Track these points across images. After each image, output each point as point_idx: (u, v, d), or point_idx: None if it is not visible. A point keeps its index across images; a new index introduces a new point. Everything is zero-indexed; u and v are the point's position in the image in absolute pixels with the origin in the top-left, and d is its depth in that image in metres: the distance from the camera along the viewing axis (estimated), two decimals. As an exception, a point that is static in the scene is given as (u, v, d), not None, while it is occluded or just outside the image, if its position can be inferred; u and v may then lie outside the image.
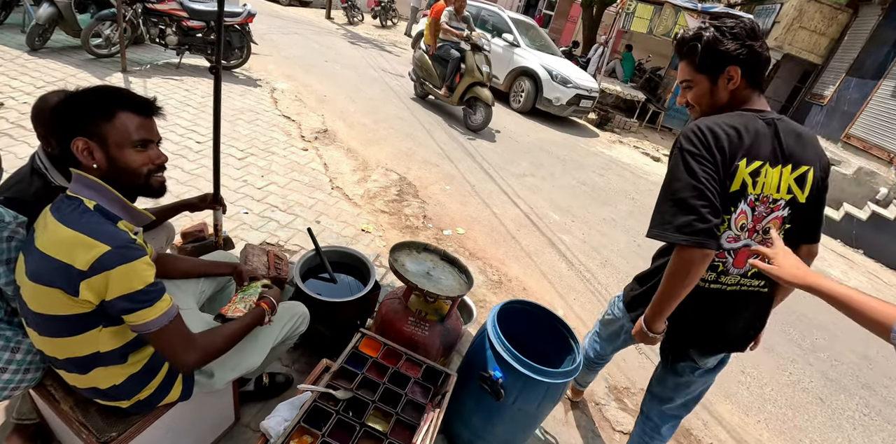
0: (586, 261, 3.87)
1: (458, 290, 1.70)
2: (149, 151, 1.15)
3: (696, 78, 1.33)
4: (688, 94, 1.37)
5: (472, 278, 1.81)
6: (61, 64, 4.91)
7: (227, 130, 4.28)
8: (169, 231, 1.99)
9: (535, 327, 1.87)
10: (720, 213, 1.21)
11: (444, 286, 1.72)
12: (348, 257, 2.19)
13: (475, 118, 6.32)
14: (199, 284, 1.57)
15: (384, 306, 1.76)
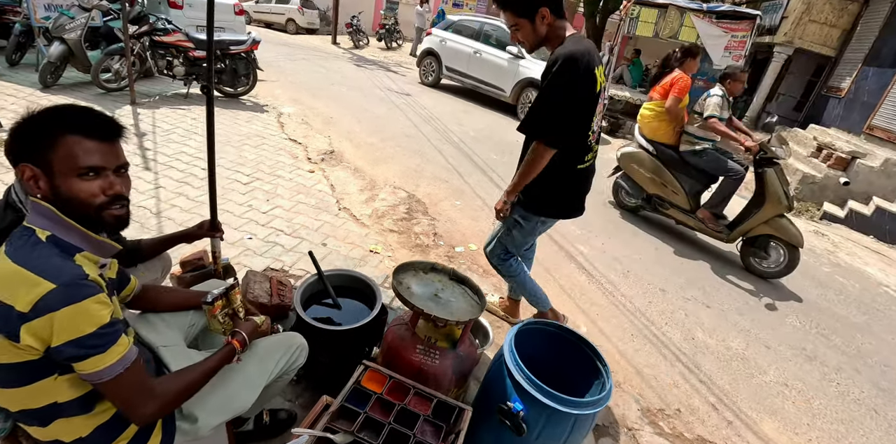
0: (607, 272, 3.69)
1: (470, 313, 1.57)
2: (100, 181, 1.00)
3: (519, 22, 1.72)
4: (517, 34, 1.77)
5: (484, 299, 1.67)
6: (72, 99, 4.99)
7: (234, 155, 4.26)
8: (166, 262, 1.91)
9: (557, 350, 1.72)
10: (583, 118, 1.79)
11: (453, 309, 1.59)
12: (353, 280, 2.08)
13: (770, 262, 4.22)
14: (189, 316, 1.47)
15: (390, 333, 1.63)
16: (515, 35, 1.78)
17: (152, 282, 1.84)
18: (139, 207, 3.05)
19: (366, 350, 1.90)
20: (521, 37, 1.77)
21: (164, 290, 1.45)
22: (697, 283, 3.94)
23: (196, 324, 1.49)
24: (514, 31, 1.76)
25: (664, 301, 3.53)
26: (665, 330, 3.19)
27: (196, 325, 1.49)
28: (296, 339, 1.49)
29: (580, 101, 1.73)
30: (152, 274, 1.84)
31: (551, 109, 1.70)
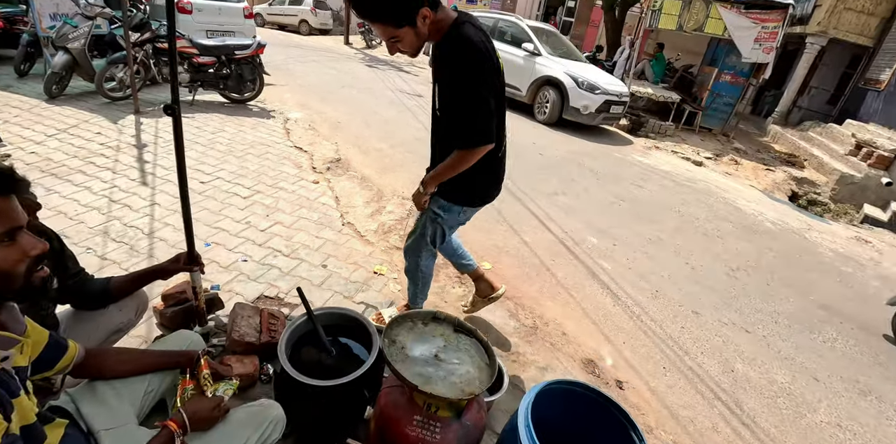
0: (634, 293, 3.38)
1: (478, 383, 1.29)
2: (20, 242, 0.85)
3: (400, 33, 1.45)
4: (398, 46, 1.50)
5: (495, 359, 1.39)
6: (76, 110, 4.88)
7: (235, 166, 4.07)
8: (141, 301, 1.71)
9: (582, 415, 1.45)
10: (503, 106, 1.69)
11: (458, 378, 1.30)
12: (347, 319, 1.83)
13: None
14: (146, 382, 1.25)
15: (383, 397, 1.38)
16: (395, 47, 1.51)
17: (126, 324, 1.64)
18: (130, 227, 2.87)
19: (365, 396, 1.66)
20: (403, 47, 1.50)
21: (114, 353, 1.24)
22: (733, 304, 3.60)
23: (154, 391, 1.27)
24: (394, 43, 1.49)
25: (698, 326, 3.22)
26: (701, 361, 2.88)
27: (154, 391, 1.27)
28: (269, 411, 1.26)
29: (500, 89, 1.64)
30: (124, 315, 1.63)
31: (485, 108, 1.52)
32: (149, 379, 1.26)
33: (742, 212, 5.80)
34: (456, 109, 1.56)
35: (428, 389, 1.17)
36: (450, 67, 1.51)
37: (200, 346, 1.44)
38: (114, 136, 4.30)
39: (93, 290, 1.47)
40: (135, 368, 1.23)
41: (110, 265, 2.48)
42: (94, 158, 3.78)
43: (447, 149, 1.66)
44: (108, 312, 1.56)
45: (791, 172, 8.86)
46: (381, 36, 1.48)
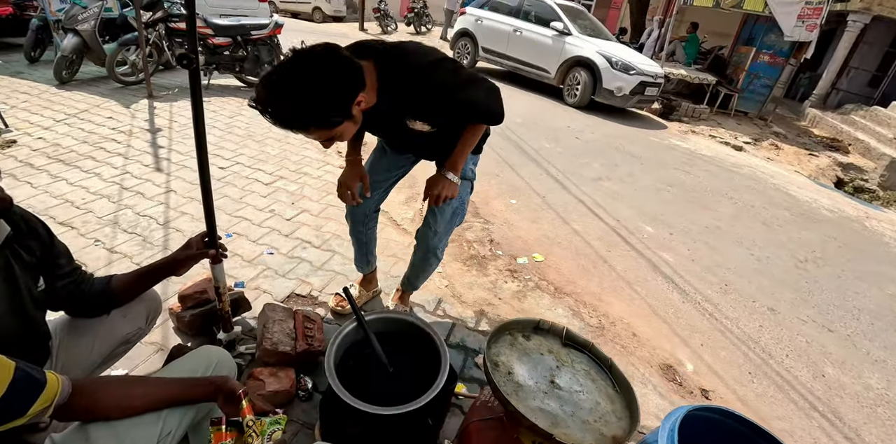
0: (702, 287, 3.01)
1: (616, 421, 0.93)
2: None
3: (339, 129, 1.21)
4: (335, 140, 1.25)
5: (626, 381, 1.04)
6: (87, 95, 4.61)
7: (255, 151, 3.77)
8: (151, 305, 1.38)
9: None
10: None
11: (588, 414, 0.94)
12: (406, 326, 1.50)
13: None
14: (160, 423, 0.92)
15: (474, 434, 1.02)
16: (332, 141, 1.25)
17: (135, 334, 1.32)
18: (143, 216, 2.58)
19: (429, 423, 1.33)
20: (344, 138, 1.26)
21: (115, 386, 0.90)
22: (809, 299, 3.22)
23: (173, 432, 0.94)
24: (334, 139, 1.24)
25: (777, 324, 2.85)
26: (788, 365, 2.52)
27: (173, 433, 0.94)
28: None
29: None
30: (131, 323, 1.31)
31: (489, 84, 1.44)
32: (164, 418, 0.93)
33: (796, 199, 5.36)
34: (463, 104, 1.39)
35: (564, 438, 0.81)
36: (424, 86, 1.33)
37: (230, 366, 1.12)
38: (126, 120, 4.02)
39: (91, 292, 1.15)
40: (144, 404, 0.90)
41: (120, 259, 2.19)
42: (104, 143, 3.50)
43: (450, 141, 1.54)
44: (110, 320, 1.23)
45: (836, 157, 8.36)
46: (318, 138, 1.22)
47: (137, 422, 0.88)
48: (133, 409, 0.88)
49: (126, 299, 1.25)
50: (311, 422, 1.55)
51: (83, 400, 0.82)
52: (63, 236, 2.26)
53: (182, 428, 0.96)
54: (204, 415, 1.04)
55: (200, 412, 1.02)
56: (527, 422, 0.82)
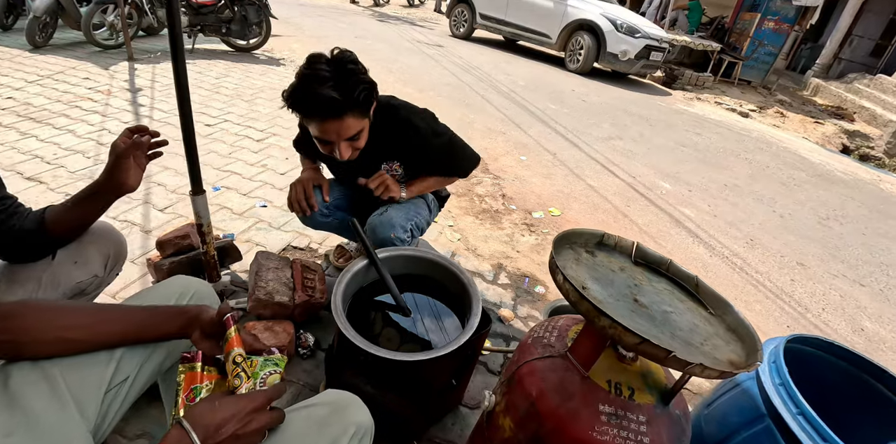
0: (728, 242, 2.82)
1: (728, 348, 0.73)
2: None
3: (364, 124, 1.22)
4: (356, 142, 1.23)
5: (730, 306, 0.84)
6: (63, 58, 4.29)
7: (245, 110, 3.50)
8: (108, 246, 1.06)
9: (830, 392, 0.91)
10: None
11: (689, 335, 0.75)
12: (426, 265, 1.29)
13: None
14: (112, 365, 0.69)
15: (529, 377, 0.78)
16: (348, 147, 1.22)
17: (90, 283, 1.03)
18: (122, 170, 2.33)
19: (453, 383, 1.13)
20: (359, 144, 1.25)
21: (51, 310, 0.67)
22: (837, 254, 3.05)
23: (131, 377, 0.70)
24: (358, 138, 1.22)
25: (808, 279, 2.68)
26: (826, 319, 2.36)
27: (131, 380, 0.71)
28: (349, 417, 0.69)
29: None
30: (84, 269, 1.00)
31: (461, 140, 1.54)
32: (118, 359, 0.70)
33: (810, 161, 5.20)
34: (441, 158, 1.47)
35: (695, 360, 0.58)
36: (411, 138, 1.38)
37: (211, 299, 0.89)
38: (104, 81, 3.73)
39: (23, 229, 0.87)
40: (88, 337, 0.66)
41: (96, 211, 1.95)
42: (80, 102, 3.22)
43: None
44: (56, 265, 0.95)
45: (841, 124, 8.19)
46: (347, 134, 1.18)
47: (79, 362, 0.65)
48: (73, 343, 0.65)
49: (68, 235, 0.96)
50: (314, 383, 1.35)
51: (6, 325, 0.60)
52: (30, 190, 2.03)
53: (146, 374, 0.74)
54: (168, 368, 0.81)
55: (173, 355, 0.79)
56: (631, 338, 0.60)
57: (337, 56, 1.15)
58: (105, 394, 0.67)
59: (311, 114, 1.14)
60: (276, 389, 0.65)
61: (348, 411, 0.70)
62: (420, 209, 1.51)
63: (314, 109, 1.12)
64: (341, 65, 1.12)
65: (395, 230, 1.35)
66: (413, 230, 1.44)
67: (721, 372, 0.59)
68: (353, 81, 1.12)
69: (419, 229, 1.49)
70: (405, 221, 1.40)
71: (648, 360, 0.72)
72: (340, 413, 0.68)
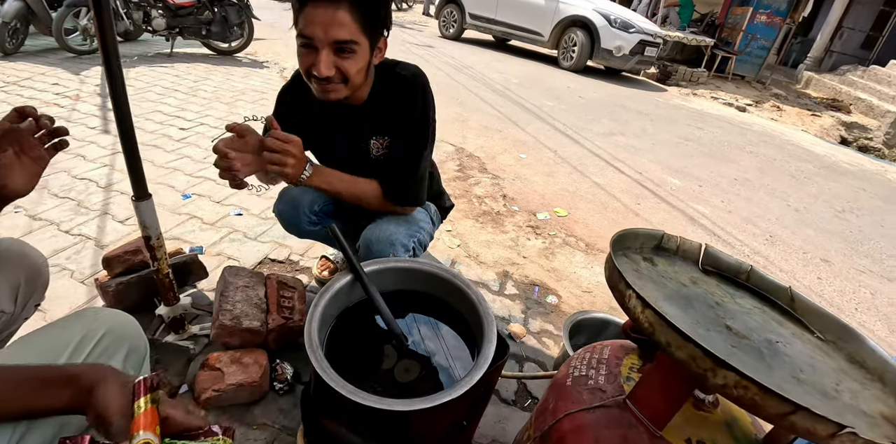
0: (747, 239, 2.62)
1: (872, 394, 0.51)
2: None
3: (361, 41, 0.98)
4: (343, 61, 0.98)
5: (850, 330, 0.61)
6: (32, 64, 4.06)
7: (224, 113, 3.28)
8: (19, 272, 0.83)
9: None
10: None
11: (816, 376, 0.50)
12: (424, 279, 1.06)
13: None
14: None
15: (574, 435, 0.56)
16: (332, 61, 0.97)
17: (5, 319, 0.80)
18: (81, 179, 2.11)
19: (463, 425, 0.91)
20: (348, 68, 0.99)
21: None
22: (859, 248, 2.87)
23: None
24: (340, 52, 0.97)
25: (835, 276, 2.48)
26: (860, 319, 2.16)
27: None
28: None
29: None
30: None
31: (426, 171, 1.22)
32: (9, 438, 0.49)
33: (814, 153, 5.04)
34: (402, 163, 1.17)
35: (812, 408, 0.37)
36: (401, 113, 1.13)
37: (133, 341, 0.66)
38: (73, 86, 3.50)
39: None
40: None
41: (44, 227, 1.72)
42: (45, 108, 2.99)
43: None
44: None
45: (838, 116, 8.09)
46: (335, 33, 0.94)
47: None
48: None
49: None
50: (292, 426, 1.12)
51: None
52: (-26, 201, 1.80)
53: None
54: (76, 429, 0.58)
55: (66, 431, 0.56)
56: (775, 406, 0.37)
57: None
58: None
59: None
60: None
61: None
62: (423, 222, 1.27)
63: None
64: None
65: (394, 249, 1.13)
66: (416, 249, 1.21)
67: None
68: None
69: (422, 246, 1.26)
70: (407, 237, 1.17)
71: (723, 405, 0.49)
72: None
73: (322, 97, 1.03)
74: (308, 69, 0.99)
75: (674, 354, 0.44)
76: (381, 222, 1.17)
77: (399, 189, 1.17)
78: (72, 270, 1.51)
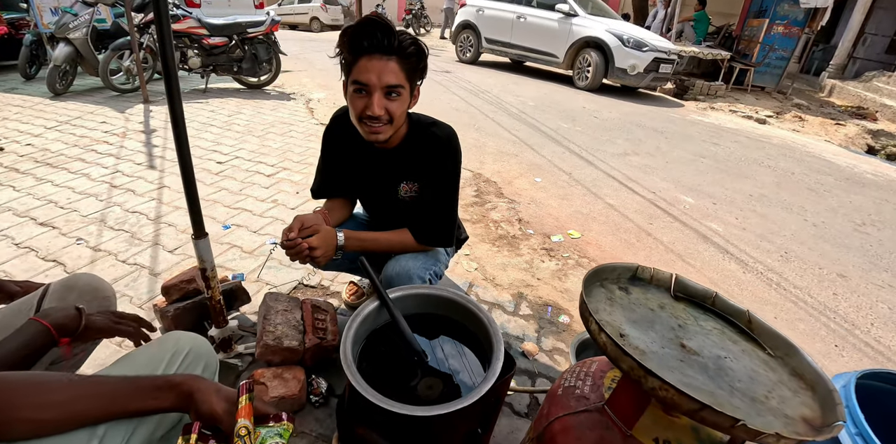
0: (761, 256, 2.67)
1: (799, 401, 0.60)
2: None
3: (405, 86, 1.15)
4: (391, 103, 1.15)
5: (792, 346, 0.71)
6: (80, 104, 4.43)
7: (256, 145, 3.52)
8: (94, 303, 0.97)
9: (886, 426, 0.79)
10: None
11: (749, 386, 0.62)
12: (441, 304, 1.20)
13: None
14: (93, 441, 0.62)
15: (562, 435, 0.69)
16: (382, 103, 1.14)
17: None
18: (133, 212, 2.33)
19: (478, 433, 1.03)
20: (393, 109, 1.16)
21: (29, 386, 0.60)
22: (879, 263, 2.86)
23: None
24: (394, 97, 1.15)
25: (852, 291, 2.50)
26: (876, 335, 2.18)
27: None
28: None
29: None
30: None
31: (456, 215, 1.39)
32: (102, 436, 0.63)
33: (836, 165, 5.00)
34: (433, 208, 1.33)
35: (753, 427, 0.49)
36: (434, 168, 1.30)
37: (208, 360, 0.82)
38: (119, 124, 3.82)
39: None
40: (64, 416, 0.59)
41: (104, 257, 1.93)
42: (96, 145, 3.29)
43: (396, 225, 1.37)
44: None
45: (864, 124, 7.94)
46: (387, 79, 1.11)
47: (68, 437, 0.59)
48: (46, 424, 0.58)
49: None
50: (327, 434, 1.26)
51: None
52: (42, 236, 2.03)
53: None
54: (174, 426, 0.75)
55: (164, 424, 0.72)
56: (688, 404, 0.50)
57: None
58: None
59: (362, 50, 1.10)
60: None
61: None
62: (440, 255, 1.43)
63: (369, 44, 1.09)
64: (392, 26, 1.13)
65: (412, 281, 1.28)
66: (431, 279, 1.36)
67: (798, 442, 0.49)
68: (404, 33, 1.12)
69: (437, 277, 1.41)
70: (423, 271, 1.32)
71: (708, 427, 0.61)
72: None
73: (370, 138, 1.20)
74: (361, 112, 1.15)
75: (621, 366, 0.57)
76: (401, 259, 1.32)
77: (431, 234, 1.34)
78: (130, 295, 1.70)
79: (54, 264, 1.84)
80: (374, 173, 1.38)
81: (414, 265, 1.30)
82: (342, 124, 1.35)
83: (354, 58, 1.12)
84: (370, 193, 1.46)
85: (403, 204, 1.39)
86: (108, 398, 0.62)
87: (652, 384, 0.54)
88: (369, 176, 1.39)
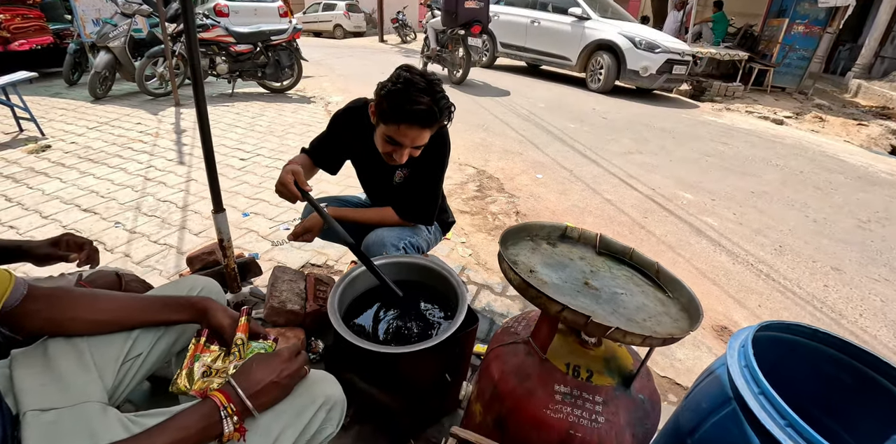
0: (753, 249, 2.76)
1: (670, 320, 0.79)
2: None
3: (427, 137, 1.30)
4: (415, 151, 1.31)
5: (685, 287, 0.88)
6: (119, 107, 4.79)
7: (276, 144, 3.77)
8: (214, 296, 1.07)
9: (810, 381, 0.92)
10: None
11: (634, 313, 0.80)
12: (419, 271, 1.38)
13: None
14: (130, 341, 0.83)
15: (494, 362, 0.87)
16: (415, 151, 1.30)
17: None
18: (164, 201, 2.58)
19: (447, 377, 1.20)
20: (415, 153, 1.31)
21: (82, 296, 0.80)
22: (878, 258, 2.90)
23: (145, 354, 0.85)
24: (418, 148, 1.30)
25: (844, 284, 2.56)
26: (863, 325, 2.25)
27: (145, 355, 0.85)
28: (320, 388, 0.80)
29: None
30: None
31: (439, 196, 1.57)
32: (134, 338, 0.84)
33: (850, 164, 4.97)
34: (418, 191, 1.51)
35: (613, 325, 0.65)
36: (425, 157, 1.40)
37: (216, 293, 1.02)
38: (153, 124, 4.13)
39: None
40: (111, 318, 0.80)
41: (139, 238, 2.17)
42: (132, 144, 3.59)
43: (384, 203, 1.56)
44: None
45: (888, 125, 7.78)
46: (418, 142, 1.26)
47: (103, 339, 0.80)
48: (101, 324, 0.80)
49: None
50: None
51: (42, 307, 0.73)
52: (84, 221, 2.29)
53: (157, 353, 0.87)
54: (186, 347, 0.95)
55: (181, 341, 0.93)
56: (554, 306, 0.66)
57: (425, 72, 1.23)
58: (121, 365, 0.81)
59: (403, 119, 1.18)
60: (294, 345, 0.81)
61: (317, 384, 0.80)
62: (418, 230, 1.59)
63: (410, 116, 1.17)
64: (431, 82, 1.20)
65: (385, 248, 1.45)
66: (406, 248, 1.51)
67: (643, 337, 0.65)
68: (442, 98, 1.21)
69: (414, 248, 1.55)
70: (397, 240, 1.48)
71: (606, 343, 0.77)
72: (309, 386, 0.78)
73: (389, 162, 1.34)
74: (388, 155, 1.30)
75: (526, 295, 0.73)
76: (378, 230, 1.50)
77: (411, 210, 1.51)
78: (160, 269, 1.93)
79: (96, 242, 2.09)
80: (375, 163, 1.53)
81: (389, 235, 1.47)
82: (354, 116, 1.47)
83: (397, 123, 1.20)
84: (370, 178, 1.64)
85: (396, 189, 1.56)
86: (142, 310, 0.83)
87: (531, 294, 0.70)
88: (370, 164, 1.56)
